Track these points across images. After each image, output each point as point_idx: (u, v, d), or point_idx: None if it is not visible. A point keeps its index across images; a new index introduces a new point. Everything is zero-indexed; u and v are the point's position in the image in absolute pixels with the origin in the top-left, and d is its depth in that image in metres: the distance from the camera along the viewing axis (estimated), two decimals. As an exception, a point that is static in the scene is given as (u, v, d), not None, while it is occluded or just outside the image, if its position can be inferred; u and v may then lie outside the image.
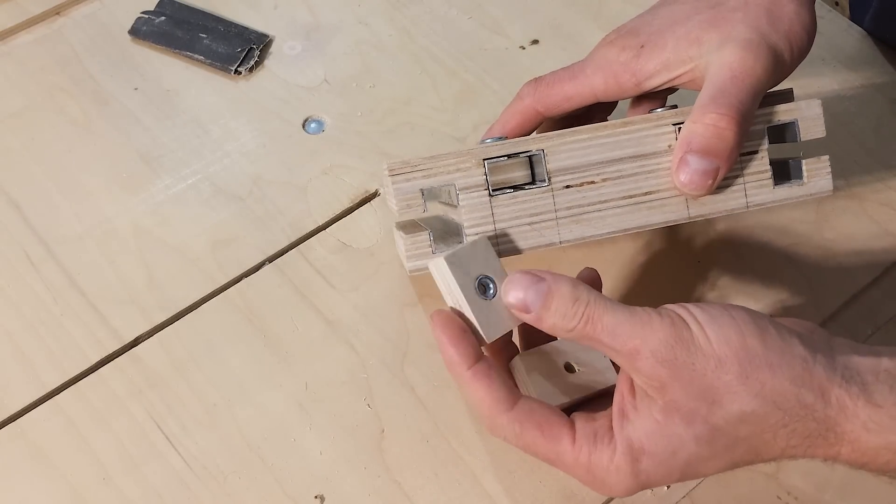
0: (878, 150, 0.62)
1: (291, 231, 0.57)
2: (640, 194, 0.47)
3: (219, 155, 0.61)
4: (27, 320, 0.54)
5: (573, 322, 0.41)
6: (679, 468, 0.41)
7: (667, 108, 0.49)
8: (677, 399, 0.39)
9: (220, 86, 0.65)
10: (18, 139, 0.61)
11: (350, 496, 0.48)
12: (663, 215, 0.47)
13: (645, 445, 0.40)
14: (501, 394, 0.42)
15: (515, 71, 0.66)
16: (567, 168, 0.46)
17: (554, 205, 0.47)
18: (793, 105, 0.48)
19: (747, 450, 0.40)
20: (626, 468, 0.41)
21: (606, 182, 0.47)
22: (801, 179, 0.48)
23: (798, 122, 0.48)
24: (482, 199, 0.46)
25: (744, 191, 0.47)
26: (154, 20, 0.67)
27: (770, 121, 0.47)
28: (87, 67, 0.65)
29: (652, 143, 0.47)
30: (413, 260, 0.46)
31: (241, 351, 0.53)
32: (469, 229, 0.46)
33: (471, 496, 0.48)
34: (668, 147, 0.47)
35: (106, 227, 0.58)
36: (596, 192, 0.47)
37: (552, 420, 0.42)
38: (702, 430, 0.39)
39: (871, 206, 0.59)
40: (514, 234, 0.47)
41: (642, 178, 0.47)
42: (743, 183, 0.47)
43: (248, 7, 0.69)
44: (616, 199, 0.47)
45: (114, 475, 0.48)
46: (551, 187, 0.46)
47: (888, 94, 0.65)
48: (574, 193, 0.47)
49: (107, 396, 0.51)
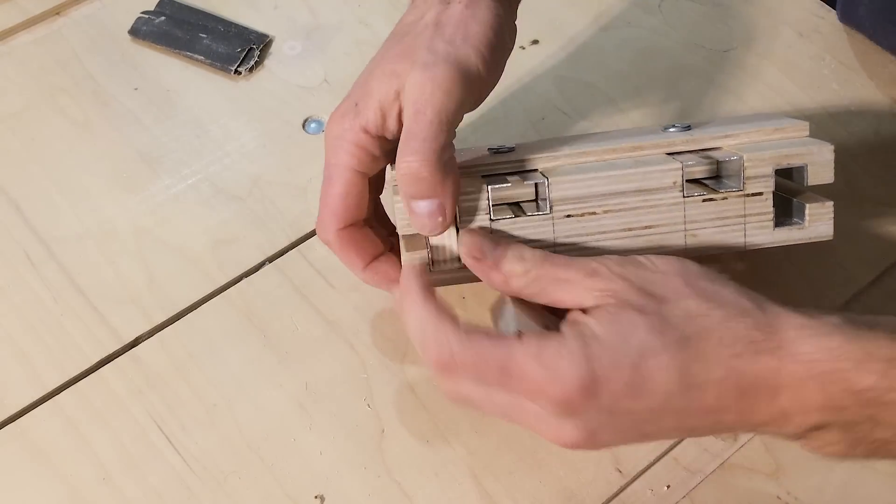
0: (878, 150, 0.62)
1: (291, 231, 0.57)
2: (640, 227, 0.47)
3: (219, 155, 0.61)
4: (27, 320, 0.54)
5: (530, 263, 0.42)
6: (631, 358, 0.39)
7: (680, 129, 0.49)
8: (630, 298, 0.41)
9: (220, 86, 0.65)
10: (18, 139, 0.61)
11: (350, 496, 0.48)
12: (660, 248, 0.47)
13: (596, 331, 0.40)
14: (450, 315, 0.42)
15: (515, 71, 0.66)
16: (570, 198, 0.46)
17: (553, 232, 0.46)
18: (804, 149, 0.46)
19: (697, 355, 0.40)
20: (578, 351, 0.39)
21: (608, 213, 0.46)
22: (802, 223, 0.47)
23: (808, 166, 0.47)
24: (483, 223, 0.46)
25: (743, 230, 0.47)
26: (154, 20, 0.67)
27: (779, 163, 0.46)
28: (87, 67, 0.65)
29: (657, 179, 0.46)
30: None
31: (241, 351, 0.53)
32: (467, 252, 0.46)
33: (471, 496, 0.48)
34: (672, 184, 0.46)
35: (106, 227, 0.58)
36: (596, 223, 0.46)
37: (499, 332, 0.43)
38: (653, 320, 0.40)
39: (871, 206, 0.59)
40: None
41: (644, 212, 0.46)
42: (744, 223, 0.47)
43: (248, 7, 0.69)
44: (616, 231, 0.46)
45: (114, 475, 0.48)
46: (552, 216, 0.46)
47: (888, 94, 0.65)
48: (574, 223, 0.46)
49: (107, 396, 0.51)
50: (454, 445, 0.50)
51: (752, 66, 0.66)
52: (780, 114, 0.50)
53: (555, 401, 0.39)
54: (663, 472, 0.49)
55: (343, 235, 0.48)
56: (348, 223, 0.48)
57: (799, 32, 0.68)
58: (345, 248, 0.48)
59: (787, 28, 0.69)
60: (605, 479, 0.48)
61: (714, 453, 0.49)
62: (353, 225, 0.48)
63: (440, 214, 0.44)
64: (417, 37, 0.46)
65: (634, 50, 0.67)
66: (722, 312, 0.41)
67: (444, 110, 0.43)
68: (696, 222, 0.46)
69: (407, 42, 0.46)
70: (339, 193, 0.47)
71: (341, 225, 0.48)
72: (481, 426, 0.50)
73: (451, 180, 0.44)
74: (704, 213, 0.46)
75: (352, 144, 0.46)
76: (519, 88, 0.65)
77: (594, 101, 0.64)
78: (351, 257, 0.48)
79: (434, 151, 0.43)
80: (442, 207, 0.44)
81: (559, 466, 0.49)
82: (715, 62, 0.67)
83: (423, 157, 0.43)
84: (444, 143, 0.44)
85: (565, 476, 0.48)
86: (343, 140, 0.47)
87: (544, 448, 0.49)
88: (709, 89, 0.65)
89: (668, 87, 0.65)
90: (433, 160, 0.43)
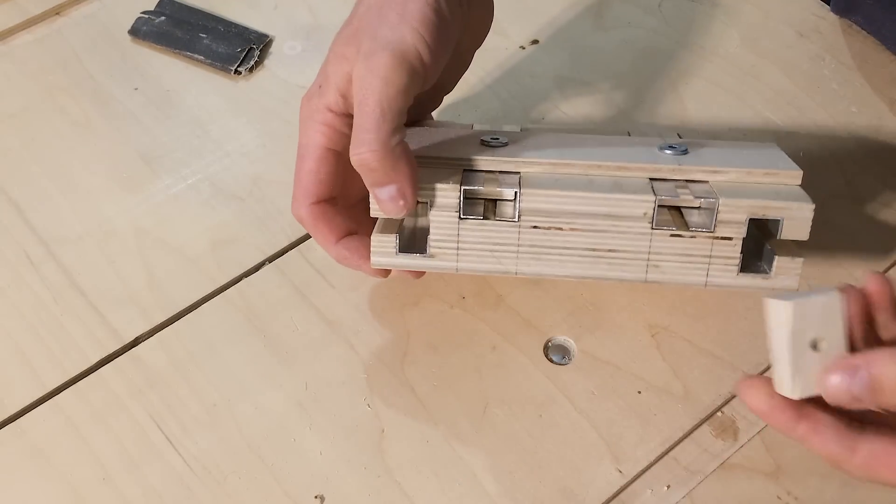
0: (878, 150, 0.62)
1: (291, 231, 0.57)
2: (603, 250, 0.47)
3: (219, 155, 0.61)
4: (27, 320, 0.54)
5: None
6: None
7: (676, 152, 0.48)
8: None
9: (220, 86, 0.65)
10: (18, 139, 0.62)
11: (350, 496, 0.48)
12: (621, 273, 0.47)
13: None
14: (838, 443, 0.40)
15: (515, 71, 0.66)
16: (539, 210, 0.46)
17: (518, 240, 0.47)
18: (783, 203, 0.45)
19: None
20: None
21: (574, 231, 0.46)
22: (769, 273, 0.47)
23: (784, 221, 0.46)
24: (452, 219, 0.47)
25: (707, 270, 0.47)
26: (154, 20, 0.67)
27: (755, 213, 0.45)
28: (87, 67, 0.65)
29: (628, 208, 0.46)
30: (377, 256, 0.48)
31: (241, 351, 0.53)
32: (434, 243, 0.47)
33: (471, 496, 0.48)
34: (643, 214, 0.46)
35: (106, 227, 0.58)
36: (561, 239, 0.47)
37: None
38: None
39: (871, 206, 0.59)
40: (475, 255, 0.47)
41: (610, 236, 0.46)
42: (708, 263, 0.46)
43: (248, 7, 0.69)
44: (579, 249, 0.47)
45: (114, 475, 0.48)
46: (519, 225, 0.46)
47: (888, 94, 0.65)
48: (540, 234, 0.47)
49: (107, 396, 0.51)
50: (454, 445, 0.50)
51: (752, 66, 0.66)
52: (779, 151, 0.50)
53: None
54: (663, 472, 0.49)
55: (315, 210, 0.49)
56: (320, 199, 0.49)
57: (799, 32, 0.68)
58: (316, 222, 0.49)
59: (787, 28, 0.69)
60: (605, 479, 0.48)
61: (714, 453, 0.49)
62: (326, 202, 0.49)
63: (400, 198, 0.45)
64: (362, 18, 0.47)
65: (634, 50, 0.67)
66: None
67: (384, 99, 0.44)
68: (660, 254, 0.46)
69: (355, 24, 0.47)
70: (310, 170, 0.48)
71: (313, 200, 0.49)
72: (481, 426, 0.50)
73: (402, 165, 0.45)
74: (670, 248, 0.46)
75: (320, 124, 0.48)
76: (519, 88, 0.65)
77: (594, 101, 0.64)
78: (322, 232, 0.49)
79: (379, 141, 0.44)
80: (401, 191, 0.45)
81: (559, 466, 0.49)
82: (715, 62, 0.67)
83: (370, 149, 0.44)
84: (389, 132, 0.44)
85: (565, 476, 0.48)
86: (312, 120, 0.48)
87: (544, 448, 0.49)
88: (709, 89, 0.65)
89: (668, 87, 0.65)
90: (379, 150, 0.44)
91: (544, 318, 0.54)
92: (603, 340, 0.53)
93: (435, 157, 0.48)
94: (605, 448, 0.49)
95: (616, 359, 0.52)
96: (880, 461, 0.40)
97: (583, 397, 0.51)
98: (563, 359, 0.53)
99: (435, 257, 0.47)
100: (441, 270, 0.48)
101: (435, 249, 0.47)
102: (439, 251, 0.47)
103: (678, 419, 0.50)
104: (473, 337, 0.53)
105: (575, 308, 0.54)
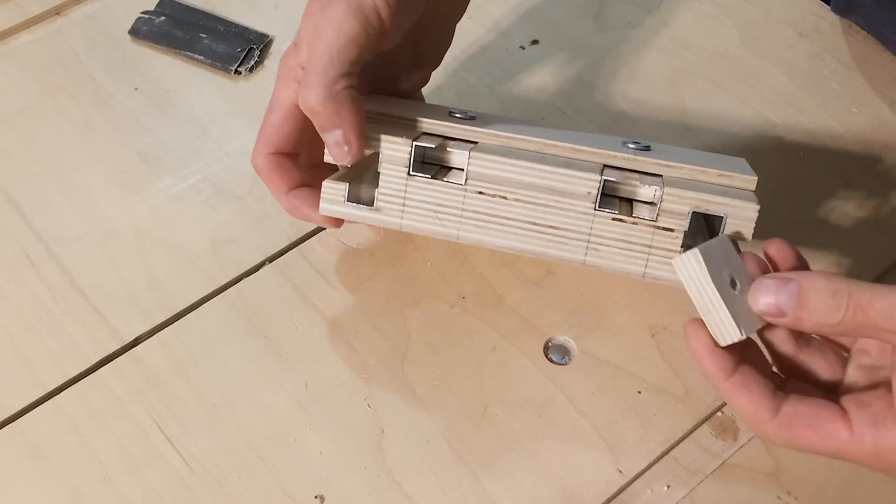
0: (878, 150, 0.62)
1: (291, 231, 0.57)
2: (545, 225, 0.47)
3: (219, 155, 0.61)
4: (27, 320, 0.54)
5: (839, 314, 0.39)
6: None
7: (637, 148, 0.48)
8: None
9: (220, 86, 0.65)
10: (18, 139, 0.62)
11: (350, 496, 0.48)
12: (560, 251, 0.47)
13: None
14: (763, 402, 0.41)
15: (515, 71, 0.66)
16: (486, 176, 0.47)
17: (463, 204, 0.47)
18: (728, 200, 0.45)
19: None
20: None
21: (518, 203, 0.47)
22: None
23: (727, 218, 0.45)
24: (401, 175, 0.47)
25: (646, 260, 0.47)
26: (154, 20, 0.67)
27: (698, 206, 0.45)
28: (87, 67, 0.65)
29: (573, 185, 0.46)
30: (325, 202, 0.48)
31: (241, 351, 0.53)
32: (381, 197, 0.48)
33: (471, 496, 0.48)
34: (587, 194, 0.46)
35: (106, 227, 0.58)
36: (505, 208, 0.47)
37: (822, 415, 0.40)
38: None
39: (870, 206, 0.59)
40: (419, 215, 0.48)
41: (553, 211, 0.47)
42: (648, 253, 0.46)
43: (248, 7, 0.69)
44: (521, 222, 0.47)
45: (114, 475, 0.48)
46: (465, 189, 0.47)
47: (888, 94, 0.65)
48: (484, 201, 0.47)
49: (107, 396, 0.51)
50: (454, 445, 0.50)
51: (752, 66, 0.66)
52: (744, 162, 0.50)
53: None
54: (663, 472, 0.49)
55: (271, 160, 0.50)
56: (279, 150, 0.50)
57: (799, 32, 0.68)
58: (270, 171, 0.50)
59: (787, 28, 0.69)
60: (605, 479, 0.48)
61: (714, 453, 0.49)
62: (285, 154, 0.50)
63: (345, 143, 0.46)
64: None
65: (634, 50, 0.67)
66: None
67: (334, 45, 0.45)
68: (600, 238, 0.46)
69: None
70: (274, 123, 0.50)
71: (271, 150, 0.50)
72: (481, 426, 0.50)
73: (347, 111, 0.46)
74: (611, 232, 0.46)
75: (292, 80, 0.49)
76: (519, 88, 0.65)
77: (594, 101, 0.64)
78: (275, 181, 0.50)
79: (323, 84, 0.45)
80: (346, 137, 0.46)
81: (559, 466, 0.49)
82: (715, 62, 0.67)
83: (314, 90, 0.45)
84: (335, 76, 0.45)
85: (565, 476, 0.48)
86: (285, 77, 0.49)
87: (544, 448, 0.49)
88: (709, 89, 0.65)
89: (668, 87, 0.65)
90: (322, 92, 0.45)
91: (544, 318, 0.54)
92: (603, 340, 0.53)
93: (397, 117, 0.49)
94: (605, 448, 0.49)
95: (616, 359, 0.52)
96: (801, 422, 0.40)
97: (583, 397, 0.51)
98: (563, 359, 0.53)
99: (381, 211, 0.48)
100: (385, 225, 0.48)
101: (381, 203, 0.48)
102: (385, 205, 0.48)
103: (678, 419, 0.50)
104: (473, 337, 0.53)
105: (575, 308, 0.54)
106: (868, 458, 0.40)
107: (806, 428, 0.40)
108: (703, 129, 0.63)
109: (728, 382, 0.41)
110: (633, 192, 0.48)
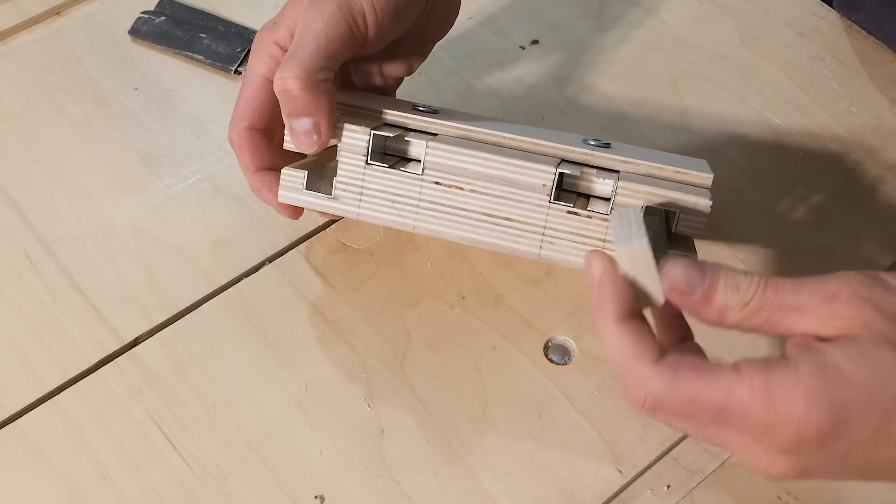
0: (878, 150, 0.62)
1: (291, 231, 0.57)
2: (500, 217, 0.47)
3: (219, 155, 0.61)
4: (27, 320, 0.54)
5: (750, 291, 0.37)
6: (886, 406, 0.34)
7: (596, 145, 0.48)
8: (886, 331, 0.34)
9: (220, 86, 0.65)
10: (18, 139, 0.61)
11: (350, 496, 0.48)
12: (515, 244, 0.47)
13: (843, 366, 0.34)
14: (650, 346, 0.37)
15: (515, 71, 0.66)
16: (442, 166, 0.47)
17: (419, 194, 0.47)
18: (682, 196, 0.45)
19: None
20: (818, 390, 0.34)
21: (473, 193, 0.47)
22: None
23: (679, 214, 0.45)
24: (359, 164, 0.48)
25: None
26: (154, 20, 0.67)
27: (651, 201, 0.45)
28: (87, 67, 0.65)
29: (528, 176, 0.46)
30: (284, 189, 0.49)
31: (241, 351, 0.53)
32: (339, 185, 0.48)
33: (471, 496, 0.48)
34: (542, 186, 0.46)
35: (106, 227, 0.58)
36: (461, 199, 0.47)
37: (706, 362, 0.37)
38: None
39: (870, 206, 0.59)
40: (376, 204, 0.48)
41: (507, 203, 0.47)
42: (602, 247, 0.46)
43: (248, 7, 0.69)
44: (476, 213, 0.47)
45: (114, 475, 0.48)
46: (422, 179, 0.47)
47: (888, 94, 0.65)
48: (440, 192, 0.47)
49: (107, 396, 0.51)
50: (454, 445, 0.50)
51: (752, 66, 0.66)
52: (704, 163, 0.50)
53: (782, 443, 0.35)
54: (663, 472, 0.49)
55: (245, 134, 0.51)
56: (253, 125, 0.51)
57: (799, 32, 0.68)
58: (242, 146, 0.51)
59: (787, 28, 0.69)
60: (605, 479, 0.48)
61: (714, 453, 0.49)
62: (260, 131, 0.51)
63: (315, 133, 0.47)
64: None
65: (634, 50, 0.67)
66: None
67: (321, 37, 0.46)
68: (555, 231, 0.47)
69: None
70: (247, 97, 0.51)
71: (245, 125, 0.51)
72: (481, 426, 0.50)
73: (324, 101, 0.46)
74: (566, 226, 0.46)
75: (266, 55, 0.50)
76: (519, 88, 0.65)
77: (594, 101, 0.64)
78: (245, 157, 0.51)
79: (307, 71, 0.46)
80: (317, 126, 0.47)
81: (559, 466, 0.49)
82: (715, 62, 0.67)
83: (296, 75, 0.46)
84: (318, 66, 0.46)
85: (565, 476, 0.48)
86: (259, 51, 0.50)
87: (544, 448, 0.49)
88: (709, 89, 0.65)
89: (668, 87, 0.65)
90: (305, 78, 0.46)
91: (544, 318, 0.54)
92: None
93: (359, 107, 0.50)
94: (605, 448, 0.49)
95: (616, 359, 0.52)
96: (685, 364, 0.36)
97: (583, 397, 0.51)
98: (563, 359, 0.53)
99: (338, 200, 0.48)
100: (342, 214, 0.49)
101: (339, 192, 0.48)
102: (343, 194, 0.48)
103: (678, 419, 0.50)
104: (473, 337, 0.53)
105: (575, 308, 0.54)
106: (757, 403, 0.35)
107: (690, 369, 0.36)
108: (703, 129, 0.63)
109: (619, 322, 0.38)
110: (589, 188, 0.48)
